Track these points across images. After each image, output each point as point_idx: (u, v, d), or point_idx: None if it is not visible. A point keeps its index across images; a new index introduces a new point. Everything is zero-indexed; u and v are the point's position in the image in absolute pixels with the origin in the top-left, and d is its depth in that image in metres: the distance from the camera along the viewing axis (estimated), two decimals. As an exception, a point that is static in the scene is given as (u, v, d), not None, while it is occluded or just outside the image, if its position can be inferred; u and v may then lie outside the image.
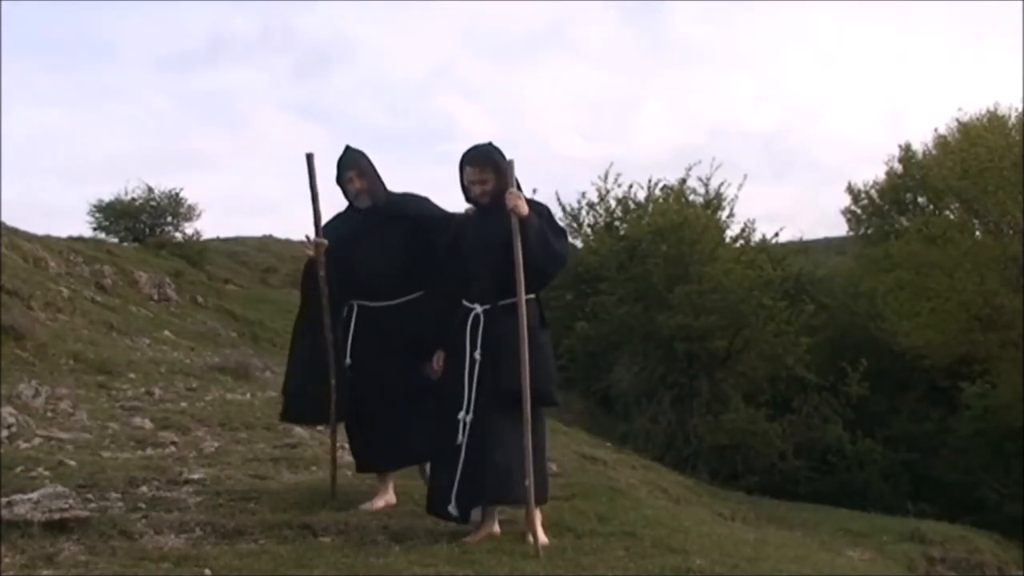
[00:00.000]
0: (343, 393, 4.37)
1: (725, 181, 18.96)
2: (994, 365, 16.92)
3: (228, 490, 4.62)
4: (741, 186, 19.32)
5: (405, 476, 4.75)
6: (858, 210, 26.80)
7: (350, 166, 4.45)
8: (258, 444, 6.14)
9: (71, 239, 18.29)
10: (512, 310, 3.89)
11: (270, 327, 15.83)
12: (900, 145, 26.21)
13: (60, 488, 3.95)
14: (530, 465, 3.81)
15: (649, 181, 19.49)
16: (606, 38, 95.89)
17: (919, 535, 10.92)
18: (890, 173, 26.12)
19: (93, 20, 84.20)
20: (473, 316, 4.03)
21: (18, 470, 4.65)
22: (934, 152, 23.41)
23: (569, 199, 20.64)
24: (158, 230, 22.28)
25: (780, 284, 17.59)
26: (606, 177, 19.72)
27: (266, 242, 31.10)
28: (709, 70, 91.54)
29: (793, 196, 67.52)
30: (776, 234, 19.70)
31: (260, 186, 71.49)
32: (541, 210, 4.11)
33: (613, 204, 19.80)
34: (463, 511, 3.94)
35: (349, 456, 4.92)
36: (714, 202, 18.74)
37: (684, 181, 18.99)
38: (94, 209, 22.02)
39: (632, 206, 19.43)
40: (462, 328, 4.04)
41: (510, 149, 4.05)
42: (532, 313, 3.98)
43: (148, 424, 6.42)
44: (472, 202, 4.14)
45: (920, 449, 17.57)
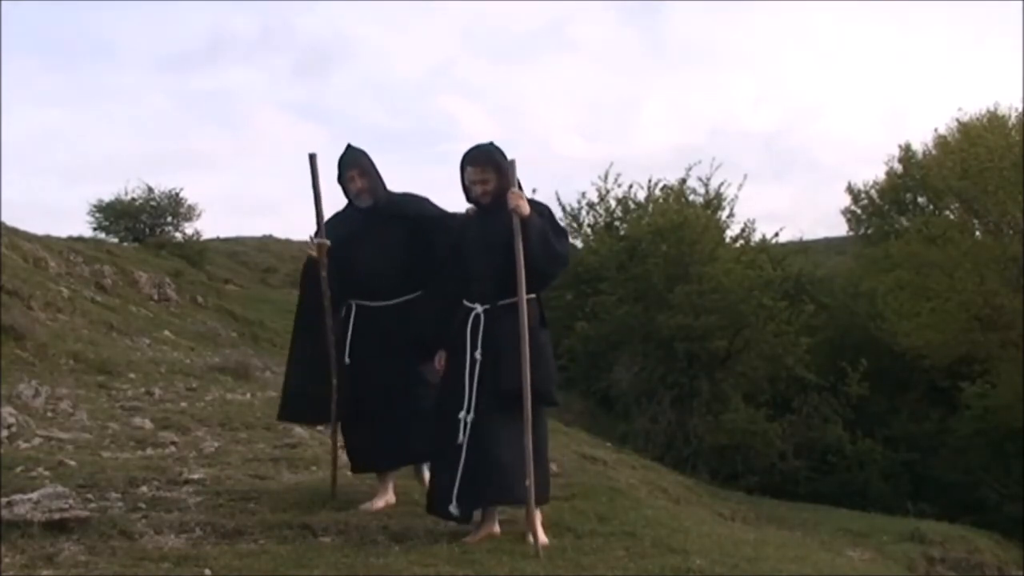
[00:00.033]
0: (344, 393, 4.37)
1: (725, 181, 19.02)
2: (994, 365, 16.92)
3: (228, 490, 4.62)
4: (741, 186, 19.37)
5: (405, 476, 4.75)
6: (858, 210, 26.80)
7: (351, 165, 4.44)
8: (258, 444, 6.14)
9: (71, 239, 18.29)
10: (513, 310, 3.89)
11: (270, 327, 15.82)
12: (900, 145, 26.27)
13: (60, 488, 3.95)
14: (530, 465, 3.81)
15: (649, 181, 19.55)
16: (606, 38, 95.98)
17: (919, 535, 10.91)
18: (890, 173, 26.13)
19: (93, 20, 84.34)
20: (474, 316, 4.03)
21: (18, 470, 4.65)
22: (934, 152, 23.41)
23: (569, 199, 20.71)
24: (158, 230, 22.28)
25: (780, 284, 17.59)
26: (606, 177, 19.78)
27: (266, 242, 31.10)
28: (709, 70, 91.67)
29: (793, 196, 67.61)
30: (776, 234, 19.76)
31: (260, 186, 71.55)
32: (542, 210, 4.11)
33: (613, 204, 19.84)
34: (465, 511, 3.93)
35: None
36: (714, 202, 18.75)
37: (684, 181, 19.04)
38: (94, 209, 22.06)
39: (632, 206, 19.44)
40: (463, 328, 4.04)
41: (510, 149, 4.06)
42: (533, 313, 3.98)
43: (148, 424, 6.42)
44: (473, 202, 4.14)
45: (920, 449, 17.56)
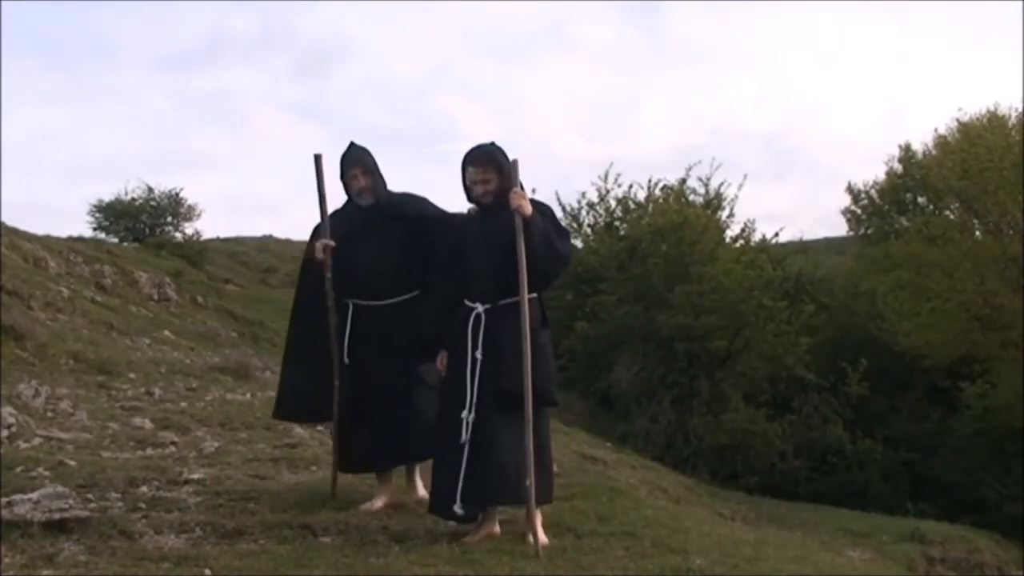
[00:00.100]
0: (345, 393, 4.37)
1: (725, 181, 19.04)
2: (994, 365, 16.92)
3: (228, 490, 4.62)
4: (741, 186, 19.38)
5: (405, 476, 4.74)
6: (858, 210, 26.81)
7: (354, 163, 4.43)
8: (258, 444, 6.13)
9: (71, 239, 18.29)
10: (514, 310, 3.89)
11: (270, 327, 15.80)
12: (900, 145, 26.28)
13: (60, 488, 3.95)
14: (531, 465, 3.81)
15: (649, 181, 19.57)
16: (606, 38, 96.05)
17: (919, 535, 10.91)
18: (890, 173, 26.14)
19: (93, 20, 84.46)
20: (474, 316, 4.02)
21: (18, 470, 4.65)
22: (934, 152, 23.41)
23: (569, 199, 20.74)
24: (158, 230, 22.29)
25: (780, 284, 17.60)
26: (606, 177, 19.80)
27: (266, 242, 31.13)
28: (709, 70, 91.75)
29: (793, 196, 67.65)
30: (776, 234, 19.79)
31: (260, 186, 71.66)
32: (544, 210, 4.10)
33: (613, 204, 19.86)
34: (469, 511, 3.93)
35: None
36: (714, 202, 18.76)
37: (684, 181, 19.06)
38: (94, 209, 22.08)
39: (632, 206, 19.45)
40: (463, 328, 4.03)
41: (510, 149, 4.06)
42: (534, 313, 3.98)
43: (148, 424, 6.42)
44: (474, 202, 4.13)
45: (920, 449, 17.57)
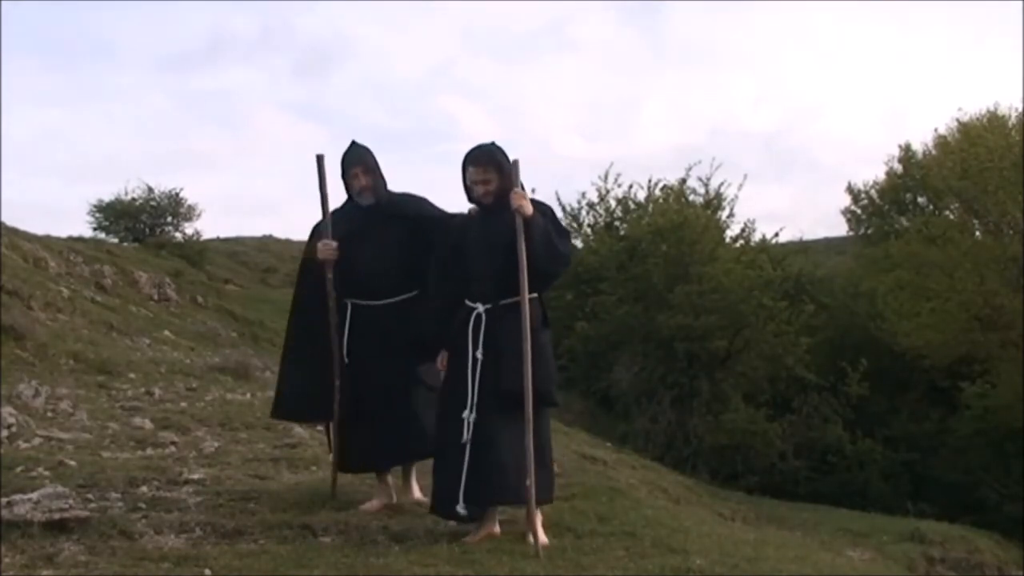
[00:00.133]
0: (345, 393, 4.37)
1: (725, 181, 19.03)
2: (994, 365, 16.92)
3: (228, 490, 4.62)
4: (741, 186, 19.40)
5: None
6: (858, 210, 26.80)
7: (356, 162, 4.43)
8: (258, 444, 6.14)
9: (71, 239, 18.29)
10: (514, 310, 3.89)
11: (270, 327, 15.80)
12: (900, 145, 26.27)
13: (60, 488, 3.95)
14: (531, 465, 3.81)
15: (649, 181, 19.56)
16: (606, 38, 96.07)
17: (919, 535, 10.90)
18: (890, 173, 26.13)
19: (93, 20, 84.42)
20: (475, 316, 4.02)
21: (18, 470, 4.65)
22: (934, 152, 23.41)
23: (569, 199, 20.73)
24: (158, 230, 22.31)
25: (780, 284, 17.60)
26: (606, 177, 19.79)
27: (266, 242, 31.14)
28: (709, 70, 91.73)
29: (793, 196, 67.64)
30: (776, 234, 19.78)
31: (260, 186, 71.65)
32: (545, 210, 4.10)
33: (613, 204, 19.85)
34: (472, 511, 3.93)
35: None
36: (714, 202, 18.75)
37: (684, 181, 19.04)
38: (94, 209, 22.10)
39: (632, 206, 19.44)
40: (464, 328, 4.03)
41: (510, 149, 4.06)
42: (534, 313, 3.98)
43: (148, 424, 6.42)
44: (475, 202, 4.12)
45: (920, 449, 17.56)
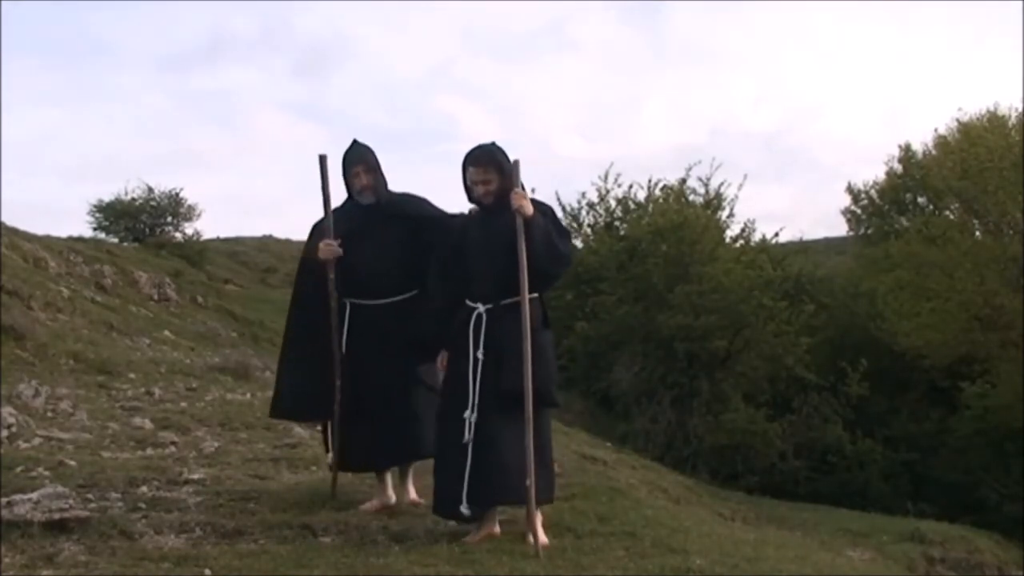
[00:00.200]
0: (346, 393, 4.36)
1: (725, 181, 19.01)
2: (994, 365, 16.91)
3: (228, 490, 4.62)
4: (741, 186, 19.38)
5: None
6: (858, 210, 26.80)
7: (357, 161, 4.43)
8: (258, 444, 6.14)
9: (71, 239, 18.30)
10: (515, 310, 3.89)
11: (270, 327, 15.80)
12: (900, 145, 26.26)
13: (60, 488, 3.95)
14: (531, 465, 3.80)
15: (649, 181, 19.54)
16: (606, 38, 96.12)
17: (919, 535, 10.89)
18: (890, 173, 26.13)
19: (93, 20, 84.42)
20: (476, 316, 4.02)
21: (18, 470, 4.65)
22: (934, 152, 23.40)
23: (569, 199, 20.71)
24: (158, 230, 22.30)
25: (780, 284, 17.59)
26: (606, 177, 19.77)
27: (266, 242, 31.13)
28: (709, 70, 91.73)
29: (793, 196, 67.66)
30: (776, 234, 19.76)
31: (260, 186, 71.65)
32: (545, 210, 4.10)
33: (613, 204, 19.83)
34: (475, 511, 3.93)
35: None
36: (714, 202, 18.74)
37: (684, 181, 19.03)
38: (94, 209, 22.09)
39: (632, 206, 19.43)
40: (464, 328, 4.03)
41: (510, 149, 4.06)
42: (535, 313, 3.97)
43: (148, 424, 6.43)
44: (475, 202, 4.13)
45: (920, 449, 17.55)
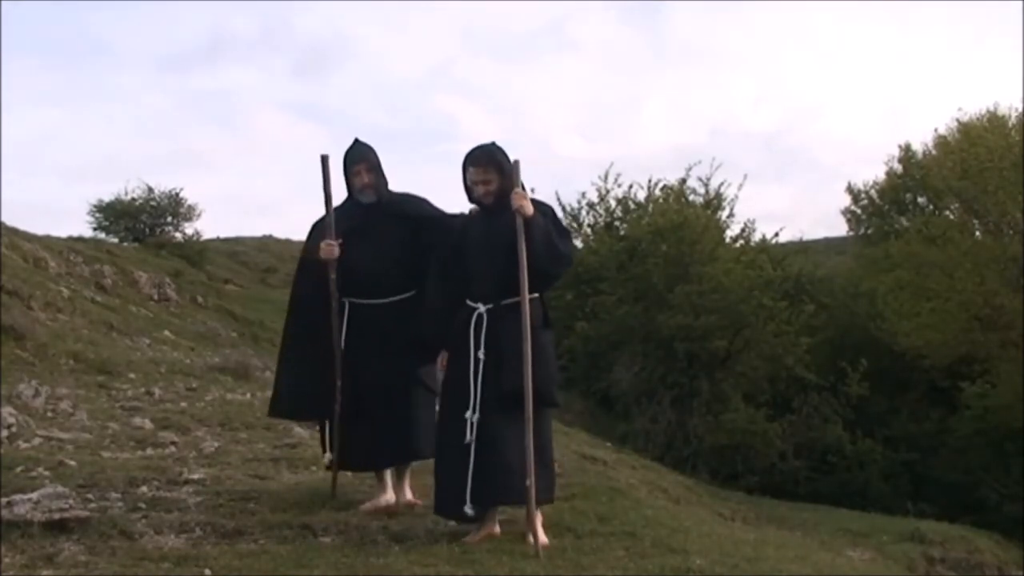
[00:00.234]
0: (346, 393, 4.36)
1: (725, 181, 19.00)
2: (994, 365, 16.91)
3: (228, 490, 4.62)
4: (741, 186, 19.36)
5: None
6: (858, 210, 26.80)
7: (359, 159, 4.42)
8: (258, 444, 6.14)
9: (71, 239, 18.29)
10: (515, 310, 3.89)
11: (270, 327, 15.80)
12: (900, 145, 26.24)
13: (60, 488, 3.95)
14: (531, 465, 3.80)
15: (649, 181, 19.52)
16: (606, 38, 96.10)
17: (919, 535, 10.89)
18: (890, 173, 26.12)
19: (93, 20, 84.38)
20: (477, 316, 4.02)
21: (18, 470, 4.65)
22: (934, 152, 23.40)
23: (569, 199, 20.70)
24: (158, 230, 22.28)
25: (780, 284, 17.59)
26: (606, 177, 19.76)
27: (266, 242, 31.11)
28: (709, 70, 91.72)
29: (793, 196, 67.65)
30: (776, 234, 19.75)
31: (260, 186, 71.65)
32: (546, 210, 4.10)
33: (613, 204, 19.82)
34: (477, 511, 3.93)
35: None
36: (714, 202, 18.73)
37: (684, 181, 19.02)
38: (94, 209, 22.06)
39: (632, 206, 19.42)
40: (465, 328, 4.03)
41: (510, 149, 4.06)
42: (536, 313, 3.98)
43: (148, 424, 6.43)
44: (476, 202, 4.13)
45: (920, 449, 17.55)
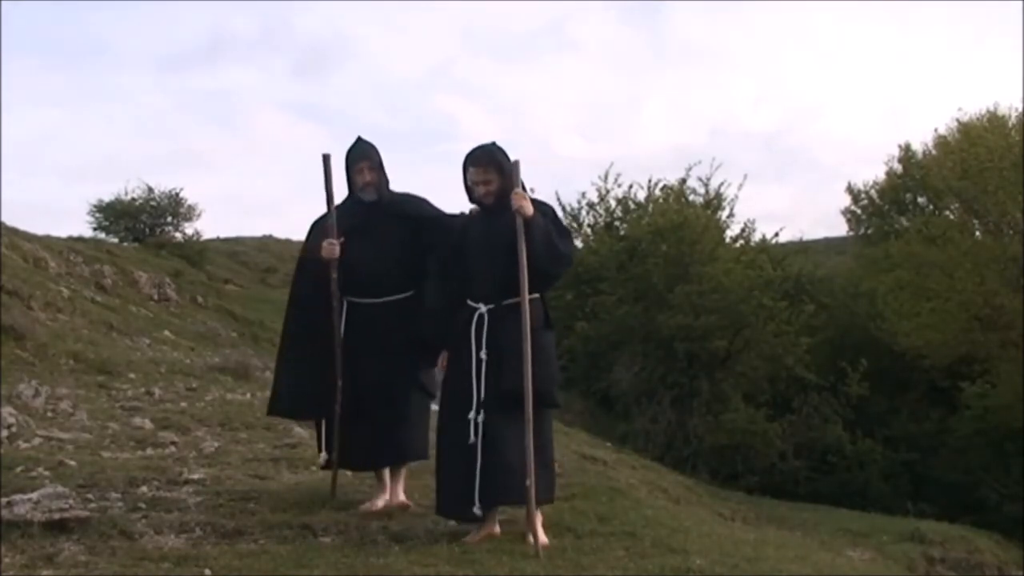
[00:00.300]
0: (346, 392, 4.36)
1: (725, 181, 19.03)
2: (994, 365, 16.92)
3: (228, 490, 4.62)
4: (741, 186, 19.43)
5: (405, 476, 4.73)
6: (858, 210, 26.80)
7: (361, 157, 4.42)
8: (258, 444, 6.14)
9: (71, 239, 18.29)
10: (516, 310, 3.89)
11: (270, 327, 15.79)
12: (900, 145, 26.25)
13: (60, 488, 3.95)
14: (531, 465, 3.80)
15: (649, 181, 19.55)
16: (606, 38, 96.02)
17: (919, 535, 10.89)
18: (890, 173, 26.13)
19: (93, 20, 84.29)
20: (478, 316, 4.02)
21: (18, 470, 4.65)
22: (934, 152, 23.41)
23: (569, 199, 20.73)
24: (158, 230, 22.27)
25: (780, 284, 17.60)
26: (606, 177, 19.78)
27: (266, 242, 31.10)
28: (709, 70, 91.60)
29: (793, 196, 67.60)
30: (776, 234, 19.78)
31: (260, 186, 71.53)
32: (546, 210, 4.10)
33: (613, 204, 19.84)
34: (485, 512, 3.93)
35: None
36: (714, 202, 18.75)
37: (684, 181, 19.04)
38: (94, 209, 22.04)
39: (632, 206, 19.44)
40: (466, 328, 4.02)
41: (510, 149, 4.06)
42: (536, 313, 3.98)
43: (148, 424, 6.43)
44: (476, 203, 4.13)
45: (920, 449, 17.56)
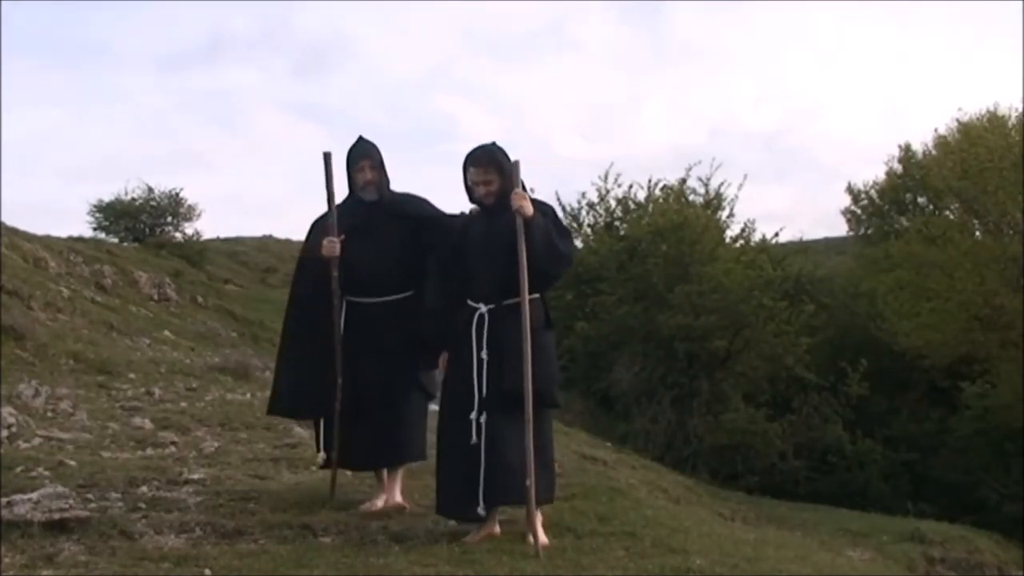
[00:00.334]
0: (346, 392, 4.36)
1: (725, 181, 19.03)
2: (994, 365, 16.91)
3: (228, 490, 4.62)
4: (741, 186, 19.41)
5: (405, 476, 4.73)
6: (858, 210, 26.80)
7: (363, 156, 4.42)
8: (258, 444, 6.14)
9: (71, 239, 18.29)
10: (517, 310, 3.88)
11: (270, 327, 15.79)
12: (900, 145, 26.25)
13: (60, 488, 3.95)
14: (531, 465, 3.80)
15: (649, 181, 19.56)
16: (606, 38, 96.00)
17: (919, 535, 10.89)
18: (890, 173, 26.13)
19: (93, 20, 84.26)
20: (478, 316, 4.02)
21: (18, 470, 4.65)
22: (934, 152, 23.41)
23: (569, 199, 20.75)
24: (158, 230, 22.26)
25: (780, 284, 17.60)
26: (606, 177, 19.79)
27: (266, 242, 31.10)
28: (709, 70, 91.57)
29: (793, 196, 67.60)
30: (776, 234, 19.79)
31: (260, 186, 71.50)
32: (546, 210, 4.10)
33: (613, 204, 19.85)
34: (489, 511, 3.93)
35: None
36: (714, 202, 18.75)
37: (684, 181, 19.05)
38: (94, 209, 22.03)
39: (632, 206, 19.45)
40: (467, 328, 4.02)
41: (510, 149, 4.06)
42: (537, 314, 3.98)
43: (148, 424, 6.43)
44: (476, 203, 4.13)
45: (920, 449, 17.56)
